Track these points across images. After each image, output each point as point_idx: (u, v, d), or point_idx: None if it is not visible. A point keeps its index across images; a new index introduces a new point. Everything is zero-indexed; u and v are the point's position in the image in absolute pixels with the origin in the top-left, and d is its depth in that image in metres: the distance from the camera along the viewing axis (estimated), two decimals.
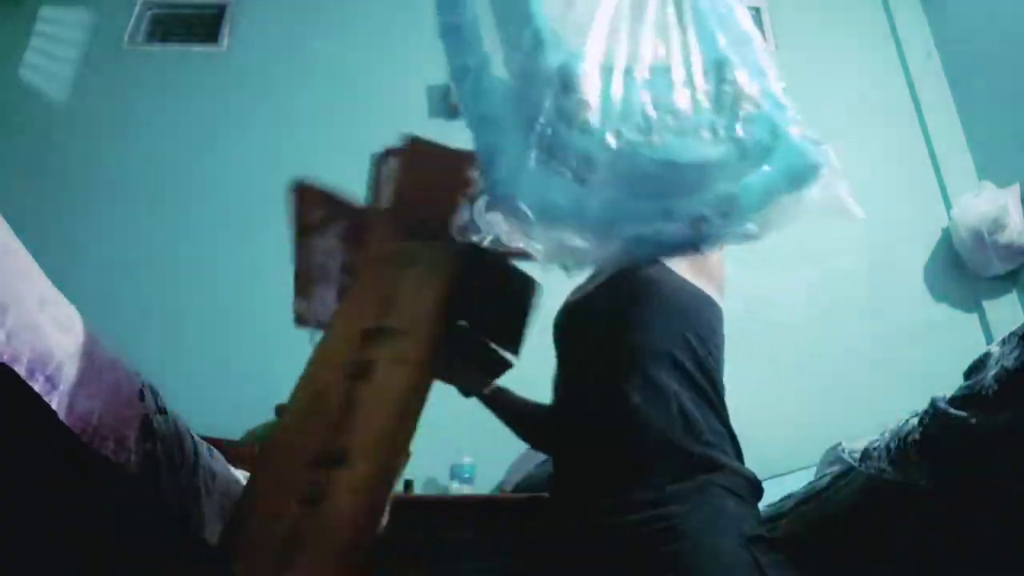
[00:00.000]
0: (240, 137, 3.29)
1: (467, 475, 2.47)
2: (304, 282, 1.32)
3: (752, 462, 1.19)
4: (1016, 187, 2.81)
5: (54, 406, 0.74)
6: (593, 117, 0.86)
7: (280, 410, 2.68)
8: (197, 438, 1.23)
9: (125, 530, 1.12)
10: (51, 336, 0.74)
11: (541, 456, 2.10)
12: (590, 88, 0.88)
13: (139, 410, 0.95)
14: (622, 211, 0.88)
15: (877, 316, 2.90)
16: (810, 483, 1.37)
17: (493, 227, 1.01)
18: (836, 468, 1.28)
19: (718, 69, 0.95)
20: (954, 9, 3.42)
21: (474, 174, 1.16)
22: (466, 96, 0.94)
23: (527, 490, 2.14)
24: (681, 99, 0.90)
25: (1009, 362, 0.99)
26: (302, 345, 3.18)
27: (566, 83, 0.89)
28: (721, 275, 1.28)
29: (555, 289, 1.60)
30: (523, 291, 1.15)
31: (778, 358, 2.79)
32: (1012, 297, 2.88)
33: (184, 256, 3.02)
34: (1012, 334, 1.03)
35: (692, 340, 1.19)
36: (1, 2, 3.57)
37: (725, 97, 0.91)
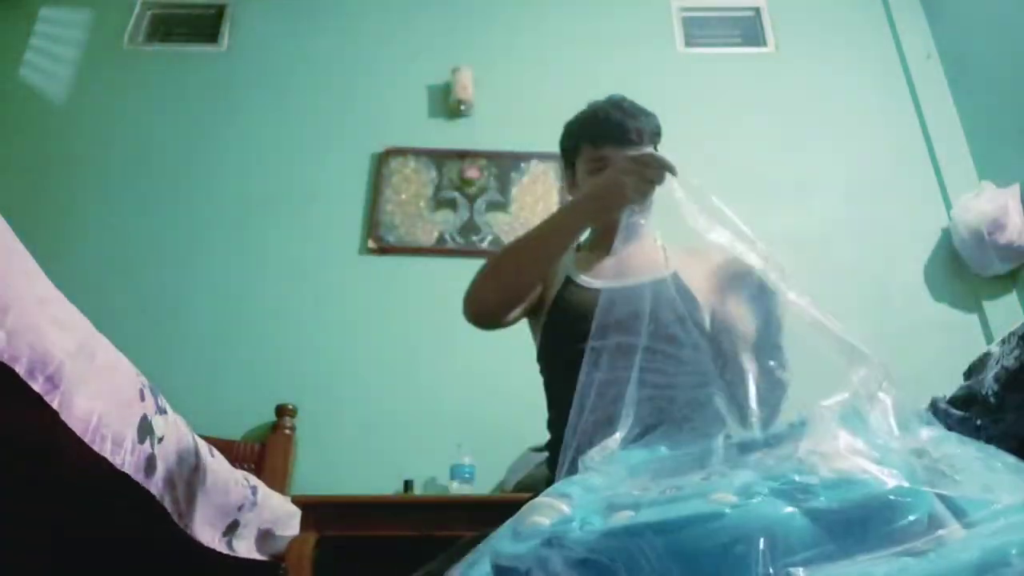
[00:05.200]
0: (240, 137, 3.29)
1: (467, 475, 2.47)
2: None
3: None
4: (1016, 187, 2.81)
5: (55, 406, 0.75)
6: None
7: (280, 410, 2.69)
8: (198, 438, 1.23)
9: (124, 530, 1.12)
10: (51, 336, 0.74)
11: (541, 456, 2.10)
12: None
13: (138, 410, 0.95)
14: None
15: (877, 316, 2.89)
16: None
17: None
18: None
19: None
20: (954, 10, 3.42)
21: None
22: None
23: (527, 490, 2.14)
24: None
25: (1009, 362, 1.00)
26: (301, 345, 3.18)
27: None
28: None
29: None
30: None
31: None
32: (1012, 297, 2.87)
33: (184, 256, 3.02)
34: (1012, 334, 1.03)
35: None
36: (1, 2, 3.57)
37: None
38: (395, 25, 3.54)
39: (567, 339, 1.24)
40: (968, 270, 2.94)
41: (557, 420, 1.27)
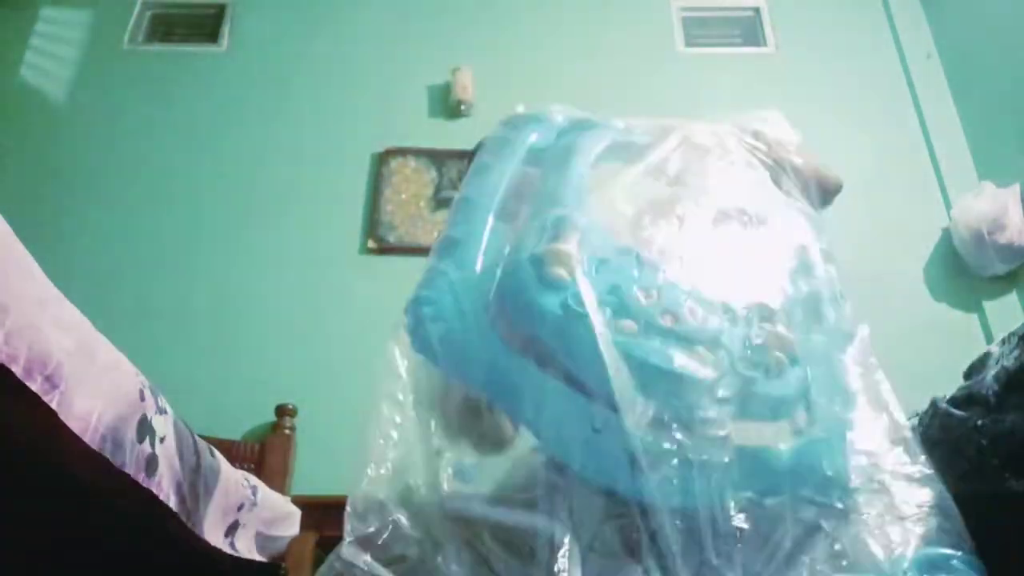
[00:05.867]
0: (240, 137, 3.29)
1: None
2: None
3: None
4: (1016, 187, 2.81)
5: (53, 406, 0.75)
6: (563, 270, 0.76)
7: (280, 410, 2.69)
8: (198, 438, 1.23)
9: (125, 530, 1.12)
10: (51, 336, 0.74)
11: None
12: (574, 245, 0.79)
13: (138, 410, 0.95)
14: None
15: (877, 316, 2.89)
16: None
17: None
18: None
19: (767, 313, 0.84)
20: (954, 10, 3.42)
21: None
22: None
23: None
24: (696, 312, 0.78)
25: (1009, 362, 1.00)
26: (302, 345, 3.18)
27: (555, 229, 0.81)
28: None
29: None
30: None
31: None
32: (1012, 297, 2.87)
33: (184, 256, 3.02)
34: (1012, 334, 1.03)
35: None
36: (1, 2, 3.57)
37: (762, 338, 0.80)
38: (395, 25, 3.54)
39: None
40: (968, 270, 2.94)
41: None
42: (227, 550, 1.35)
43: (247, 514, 1.47)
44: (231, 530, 1.39)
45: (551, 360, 0.73)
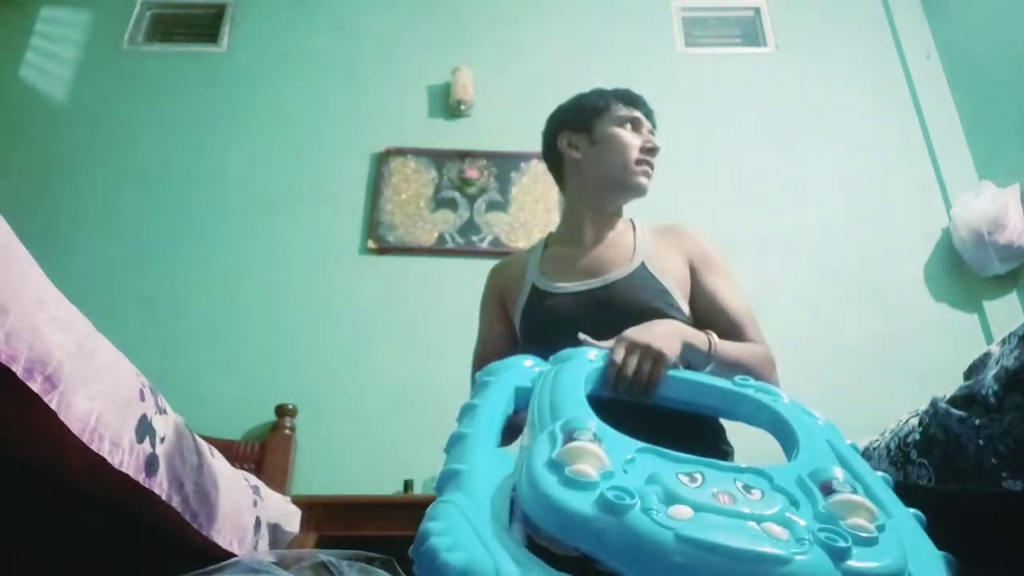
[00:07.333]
0: (240, 137, 3.29)
1: None
2: None
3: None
4: (1016, 187, 2.81)
5: (53, 406, 0.75)
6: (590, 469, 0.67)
7: (280, 410, 2.69)
8: (198, 438, 1.23)
9: (127, 530, 1.12)
10: (51, 336, 0.74)
11: None
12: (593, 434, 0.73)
13: (137, 410, 0.95)
14: None
15: (877, 316, 2.90)
16: None
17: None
18: None
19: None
20: (954, 10, 3.42)
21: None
22: None
23: None
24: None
25: (1009, 362, 0.99)
26: (301, 345, 3.18)
27: (567, 432, 0.73)
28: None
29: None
30: None
31: (777, 358, 2.79)
32: (1012, 297, 2.88)
33: (184, 255, 3.02)
34: (1012, 334, 1.03)
35: None
36: (1, 2, 3.57)
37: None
38: (395, 25, 3.54)
39: (542, 352, 1.26)
40: (968, 270, 2.94)
41: None
42: (247, 550, 1.35)
43: (260, 512, 1.48)
44: (255, 529, 1.40)
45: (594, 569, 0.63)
